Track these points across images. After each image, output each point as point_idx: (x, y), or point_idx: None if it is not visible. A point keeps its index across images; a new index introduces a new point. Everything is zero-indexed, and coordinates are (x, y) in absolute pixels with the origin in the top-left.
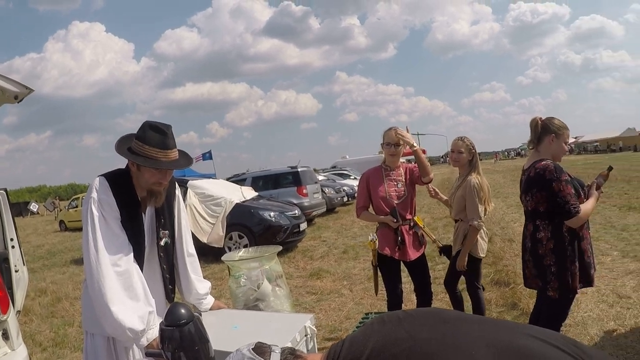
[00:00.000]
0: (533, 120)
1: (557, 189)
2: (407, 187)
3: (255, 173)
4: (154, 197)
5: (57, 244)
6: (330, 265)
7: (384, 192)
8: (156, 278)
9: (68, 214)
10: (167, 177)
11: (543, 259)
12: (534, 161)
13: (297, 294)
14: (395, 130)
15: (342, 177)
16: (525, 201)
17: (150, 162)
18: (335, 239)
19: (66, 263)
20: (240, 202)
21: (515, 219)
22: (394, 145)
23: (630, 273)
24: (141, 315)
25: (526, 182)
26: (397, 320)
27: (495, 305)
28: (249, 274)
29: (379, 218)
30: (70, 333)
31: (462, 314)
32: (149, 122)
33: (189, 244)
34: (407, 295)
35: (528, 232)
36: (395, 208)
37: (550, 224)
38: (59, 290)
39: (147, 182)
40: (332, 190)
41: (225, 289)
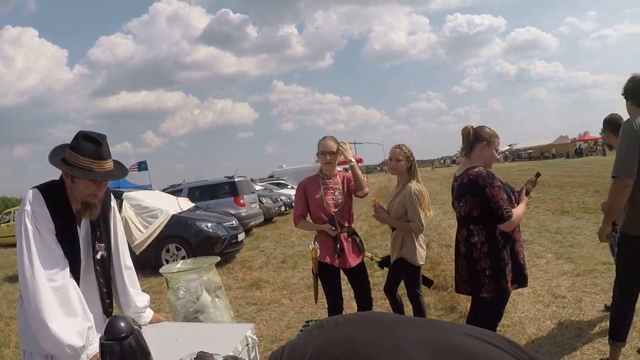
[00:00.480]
0: (465, 129)
1: (490, 194)
2: (344, 195)
3: (191, 183)
4: (89, 209)
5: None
6: (269, 275)
7: (321, 201)
8: (93, 292)
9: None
10: (102, 188)
11: (477, 262)
12: (466, 168)
13: (237, 304)
14: (341, 144)
15: (280, 187)
16: (458, 207)
17: (85, 173)
18: (274, 249)
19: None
20: (176, 213)
21: (452, 225)
22: (328, 154)
23: (565, 274)
24: (80, 331)
25: (459, 189)
26: (336, 324)
27: (434, 309)
28: (187, 285)
29: (317, 226)
30: (6, 354)
31: (399, 316)
32: (83, 132)
33: (126, 256)
34: (347, 302)
35: (462, 237)
36: (334, 216)
37: (484, 229)
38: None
39: (82, 193)
40: (270, 200)
41: (164, 302)
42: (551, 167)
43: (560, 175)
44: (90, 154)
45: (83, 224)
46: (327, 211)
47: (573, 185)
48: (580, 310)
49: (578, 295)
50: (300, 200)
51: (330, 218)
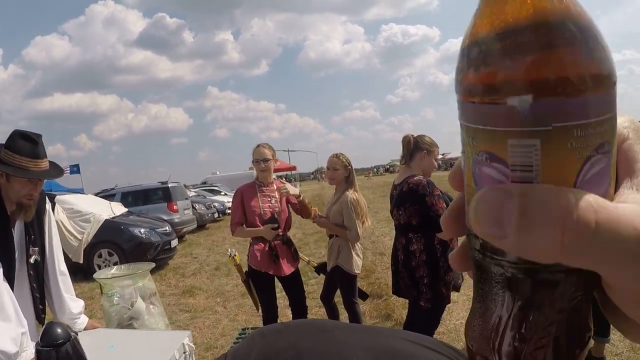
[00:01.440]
0: (405, 138)
1: (430, 203)
2: (281, 203)
3: (124, 188)
4: (23, 210)
5: None
6: (202, 282)
7: (258, 208)
8: (26, 297)
9: None
10: (38, 188)
11: (416, 270)
12: (406, 176)
13: (171, 311)
14: (279, 188)
15: (213, 193)
16: (397, 215)
17: (21, 172)
18: (207, 256)
19: None
20: (109, 218)
21: (385, 232)
22: (262, 162)
23: None
24: (14, 337)
25: (399, 197)
26: (277, 332)
27: (369, 317)
28: (122, 292)
29: (256, 231)
30: None
31: (339, 323)
32: (19, 131)
33: (61, 261)
34: (281, 310)
35: (400, 245)
36: (275, 215)
37: (423, 237)
38: None
39: (18, 193)
40: (203, 207)
41: (96, 308)
42: None
43: None
44: (26, 152)
45: (17, 226)
46: (263, 219)
47: None
48: None
49: None
50: (238, 207)
51: (271, 217)
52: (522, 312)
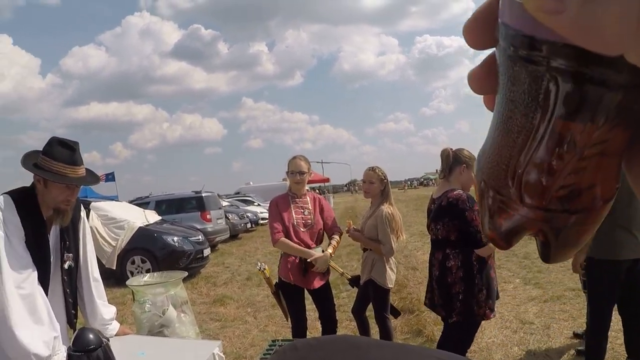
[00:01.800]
0: (444, 151)
1: (470, 218)
2: (313, 215)
3: (159, 197)
4: (60, 215)
5: None
6: (233, 291)
7: (291, 220)
8: (59, 302)
9: None
10: (75, 194)
11: (451, 287)
12: (445, 190)
13: (201, 320)
14: (312, 262)
15: (246, 204)
16: (434, 229)
17: (59, 177)
18: (239, 266)
19: None
20: (143, 225)
21: (419, 247)
22: (298, 174)
23: (533, 299)
24: (46, 341)
25: (437, 211)
26: (309, 346)
27: (400, 332)
28: (154, 299)
29: (305, 251)
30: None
31: (371, 340)
32: (56, 138)
33: (95, 268)
34: (311, 322)
35: (436, 261)
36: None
37: (461, 253)
38: None
39: (55, 199)
40: (236, 216)
41: (127, 314)
42: None
43: None
44: (64, 159)
45: (52, 232)
46: (296, 230)
47: None
48: (549, 336)
49: (546, 322)
50: (277, 216)
51: (321, 258)
52: (554, 139)
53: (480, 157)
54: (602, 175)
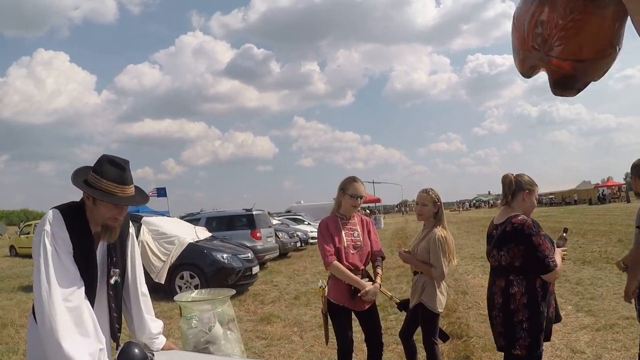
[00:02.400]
0: (506, 177)
1: (537, 243)
2: (362, 237)
3: (209, 213)
4: (108, 232)
5: (6, 268)
6: (281, 310)
7: (342, 242)
8: (103, 316)
9: (19, 239)
10: (123, 212)
11: (515, 314)
12: (508, 216)
13: (247, 338)
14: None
15: (296, 222)
16: (497, 256)
17: (107, 196)
18: (287, 284)
19: (14, 289)
20: (193, 241)
21: (469, 270)
22: (359, 198)
23: (584, 328)
24: (92, 353)
25: (501, 237)
26: None
27: (447, 358)
28: (201, 315)
29: (355, 280)
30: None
31: None
32: (107, 156)
33: (142, 283)
34: (357, 344)
35: (498, 288)
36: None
37: (525, 279)
38: (4, 316)
39: (103, 216)
40: (286, 235)
41: (173, 328)
42: (573, 213)
43: (582, 222)
44: (113, 178)
45: (100, 248)
46: (347, 252)
47: (595, 234)
48: None
49: (598, 351)
50: (329, 237)
51: (372, 290)
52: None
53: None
54: (585, 34)
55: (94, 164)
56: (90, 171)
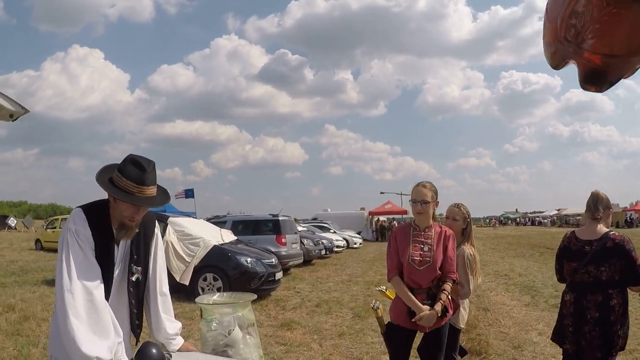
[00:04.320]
0: (597, 193)
1: (635, 258)
2: (435, 252)
3: (236, 217)
4: (124, 230)
5: (31, 262)
6: (302, 317)
7: (407, 256)
8: (124, 311)
9: (45, 233)
10: (141, 212)
11: (614, 325)
12: (605, 232)
13: (266, 342)
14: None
15: (322, 230)
16: (595, 271)
17: (126, 196)
18: (310, 292)
19: (38, 282)
20: (218, 244)
21: (492, 288)
22: (420, 203)
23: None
24: (110, 346)
25: (602, 252)
26: None
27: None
28: (221, 319)
29: (413, 302)
30: (33, 353)
31: None
32: (132, 156)
33: (164, 283)
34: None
35: (592, 303)
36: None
37: (621, 292)
38: (27, 309)
39: (121, 214)
40: (311, 242)
41: (194, 329)
42: None
43: None
44: (133, 178)
45: (122, 245)
46: (412, 269)
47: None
48: None
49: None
50: (393, 250)
51: (427, 290)
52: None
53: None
54: (621, 29)
55: (121, 162)
56: (116, 170)
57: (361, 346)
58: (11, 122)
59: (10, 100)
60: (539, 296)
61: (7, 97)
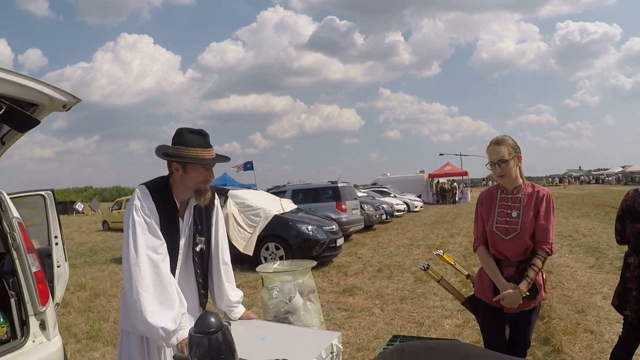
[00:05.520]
0: None
1: None
2: (523, 219)
3: (295, 186)
4: (201, 195)
5: (100, 242)
6: (363, 282)
7: (491, 224)
8: (190, 281)
9: (111, 214)
10: (212, 172)
11: None
12: None
13: (328, 309)
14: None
15: (382, 195)
16: None
17: (199, 160)
18: (371, 257)
19: (106, 261)
20: (279, 214)
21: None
22: (498, 164)
23: None
24: (174, 317)
25: None
26: (417, 352)
27: None
28: (281, 286)
29: (496, 277)
30: (104, 328)
31: (483, 350)
32: (185, 128)
33: (225, 252)
34: None
35: None
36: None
37: None
38: (97, 287)
39: (195, 181)
40: (371, 208)
41: (257, 298)
42: None
43: None
44: (198, 144)
45: (186, 216)
46: (497, 238)
47: None
48: None
49: None
50: (478, 217)
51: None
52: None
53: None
54: None
55: (173, 138)
56: (171, 146)
57: (423, 310)
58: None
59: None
60: (604, 258)
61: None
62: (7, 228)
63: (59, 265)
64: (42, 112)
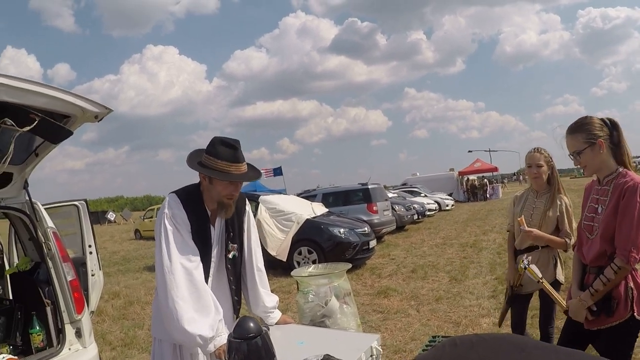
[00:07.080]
0: None
1: None
2: (606, 217)
3: (325, 189)
4: (224, 209)
5: (132, 251)
6: (398, 284)
7: (580, 221)
8: (223, 288)
9: (143, 223)
10: (238, 189)
11: None
12: None
13: (363, 311)
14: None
15: (413, 195)
16: None
17: (223, 175)
18: (404, 258)
19: (139, 269)
20: (310, 217)
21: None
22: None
23: None
24: (211, 324)
25: None
26: (470, 344)
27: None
28: (317, 290)
29: (573, 283)
30: (139, 335)
31: (539, 343)
32: (219, 138)
33: (259, 259)
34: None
35: None
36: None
37: None
38: (131, 295)
39: (219, 194)
40: (402, 208)
41: (292, 302)
42: None
43: None
44: (227, 157)
45: (217, 224)
46: (583, 237)
47: None
48: None
49: None
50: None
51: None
52: None
53: None
54: None
55: (207, 146)
56: (204, 153)
57: (459, 310)
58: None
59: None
60: None
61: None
62: (42, 238)
63: (94, 273)
64: (74, 124)
